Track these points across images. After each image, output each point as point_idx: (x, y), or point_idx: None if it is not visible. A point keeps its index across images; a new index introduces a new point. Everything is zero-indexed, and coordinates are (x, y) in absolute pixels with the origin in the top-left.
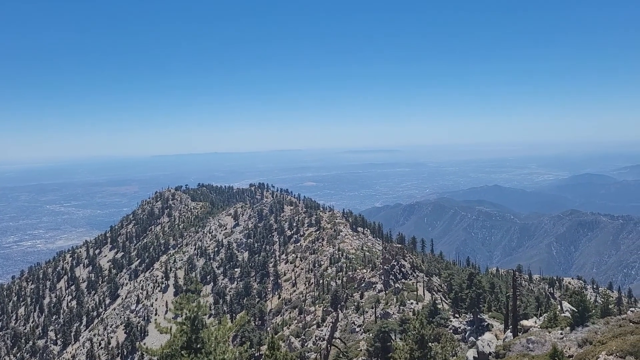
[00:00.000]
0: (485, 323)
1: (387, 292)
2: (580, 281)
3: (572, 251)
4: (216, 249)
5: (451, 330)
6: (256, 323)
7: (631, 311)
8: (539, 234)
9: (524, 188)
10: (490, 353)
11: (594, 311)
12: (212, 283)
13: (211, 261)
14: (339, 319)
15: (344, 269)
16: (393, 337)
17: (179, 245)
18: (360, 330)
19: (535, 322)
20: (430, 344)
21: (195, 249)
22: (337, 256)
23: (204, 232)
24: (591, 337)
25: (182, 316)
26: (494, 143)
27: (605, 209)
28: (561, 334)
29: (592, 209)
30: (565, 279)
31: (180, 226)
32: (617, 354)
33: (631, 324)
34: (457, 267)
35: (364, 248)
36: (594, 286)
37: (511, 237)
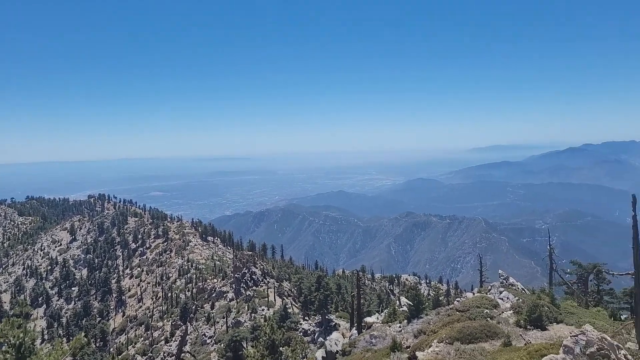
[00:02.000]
0: (333, 323)
1: (238, 300)
2: (416, 277)
3: (408, 250)
4: (49, 267)
5: (301, 333)
6: (97, 344)
7: (457, 301)
8: (380, 235)
9: (366, 193)
10: (337, 351)
11: (427, 304)
12: (44, 305)
13: (43, 281)
14: (188, 332)
15: (194, 280)
16: (245, 345)
17: (3, 266)
18: (212, 341)
19: (378, 318)
20: (281, 348)
21: (23, 269)
22: (186, 267)
23: (34, 249)
24: (425, 327)
25: (5, 344)
26: (339, 151)
27: (436, 210)
28: (400, 327)
29: (425, 211)
30: (403, 276)
31: (5, 244)
32: (447, 340)
33: (457, 312)
34: (307, 271)
35: (215, 257)
36: (427, 281)
37: (355, 239)
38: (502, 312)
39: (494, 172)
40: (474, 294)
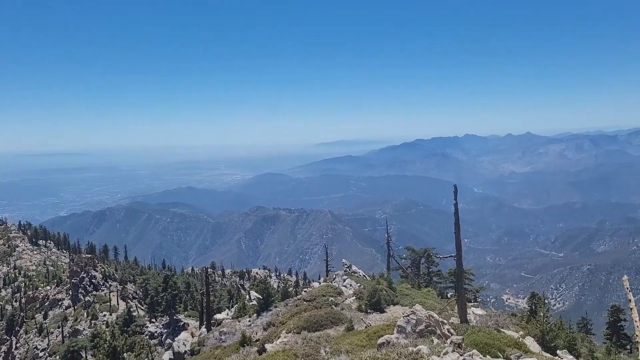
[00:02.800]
0: (182, 323)
1: (76, 307)
2: (266, 270)
3: (258, 244)
4: None
5: (147, 336)
6: None
7: (305, 291)
8: (230, 230)
9: (215, 188)
10: (185, 352)
11: (276, 296)
12: None
13: None
14: (16, 346)
15: (23, 289)
16: (84, 355)
17: None
18: (45, 354)
19: (228, 314)
20: (124, 354)
21: None
22: (12, 275)
23: None
24: (274, 319)
25: None
26: (188, 146)
27: (284, 204)
28: (249, 321)
29: (274, 205)
30: (253, 270)
31: None
32: (294, 330)
33: (305, 302)
34: (153, 271)
35: (47, 263)
36: (277, 273)
37: (205, 236)
38: (346, 299)
39: (339, 166)
40: (320, 283)
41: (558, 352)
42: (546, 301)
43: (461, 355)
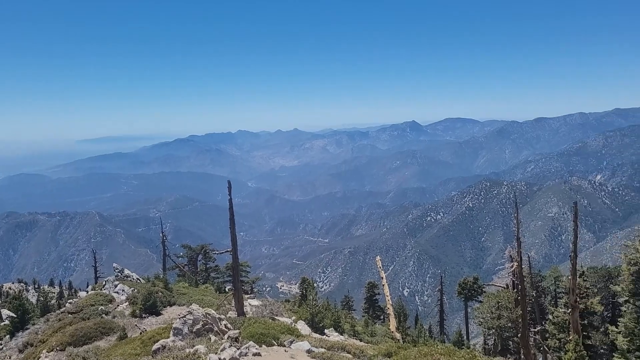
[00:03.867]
0: None
1: None
2: (22, 284)
3: (11, 255)
4: None
5: None
6: None
7: (69, 303)
8: None
9: None
10: None
11: (34, 312)
12: None
13: None
14: None
15: None
16: None
17: None
18: None
19: None
20: None
21: None
22: None
23: None
24: (32, 338)
25: None
26: None
27: (43, 208)
28: (1, 344)
29: (30, 209)
30: (5, 285)
31: None
32: (58, 347)
33: (70, 315)
34: None
35: None
36: (36, 286)
37: None
38: (118, 306)
39: (106, 163)
40: (88, 292)
41: (326, 331)
42: (315, 284)
43: (238, 348)
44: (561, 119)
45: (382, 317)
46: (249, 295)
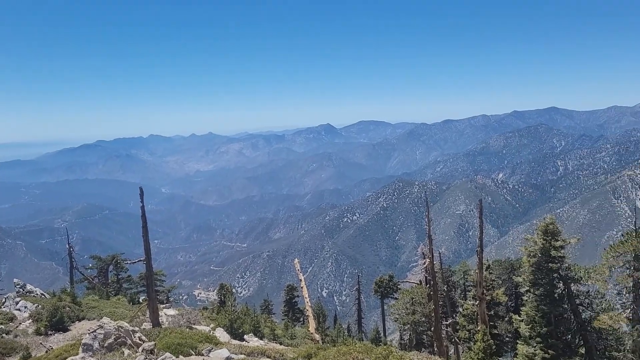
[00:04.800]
0: None
1: None
2: None
3: None
4: None
5: None
6: None
7: None
8: None
9: None
10: None
11: None
12: None
13: None
14: None
15: None
16: None
17: None
18: None
19: None
20: None
21: None
22: None
23: None
24: None
25: None
26: None
27: None
28: None
29: None
30: None
31: None
32: None
33: None
34: None
35: None
36: None
37: None
38: (21, 324)
39: (4, 172)
40: None
41: (245, 336)
42: (233, 290)
43: None
44: (466, 121)
45: (301, 319)
46: (164, 305)
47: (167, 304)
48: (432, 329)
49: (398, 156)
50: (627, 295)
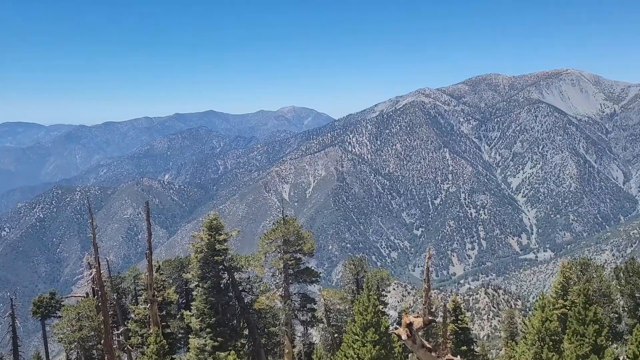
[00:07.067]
0: None
1: None
2: None
3: None
4: None
5: None
6: None
7: None
8: None
9: None
10: None
11: None
12: None
13: None
14: None
15: None
16: None
17: None
18: None
19: None
20: None
21: None
22: None
23: None
24: None
25: None
26: None
27: None
28: None
29: None
30: None
31: None
32: None
33: None
34: None
35: None
36: None
37: None
38: None
39: None
40: None
41: None
42: None
43: None
44: (129, 123)
45: None
46: None
47: None
48: (102, 341)
49: (55, 161)
50: (279, 275)
